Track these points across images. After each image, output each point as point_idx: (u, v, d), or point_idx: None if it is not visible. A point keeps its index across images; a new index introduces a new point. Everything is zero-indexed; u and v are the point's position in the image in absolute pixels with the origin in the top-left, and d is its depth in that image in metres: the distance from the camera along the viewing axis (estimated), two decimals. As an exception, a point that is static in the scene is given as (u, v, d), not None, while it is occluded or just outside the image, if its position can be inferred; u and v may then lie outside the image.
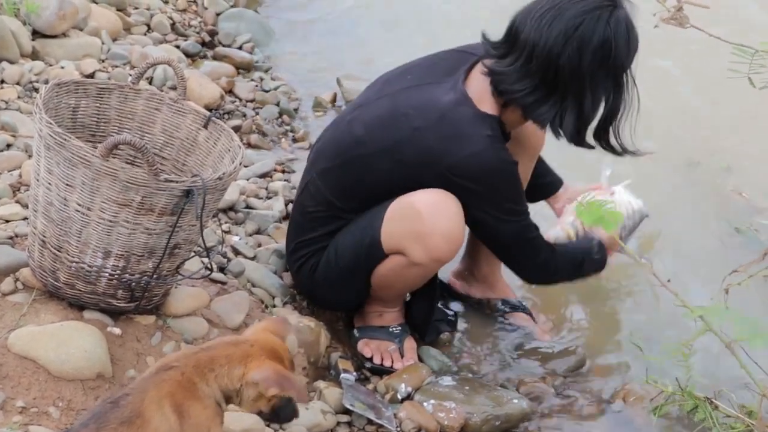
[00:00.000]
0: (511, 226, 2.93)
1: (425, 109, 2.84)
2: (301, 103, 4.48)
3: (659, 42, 4.41)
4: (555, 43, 2.72)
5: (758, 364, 2.58)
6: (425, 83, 2.91)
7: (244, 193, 3.59)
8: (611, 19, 2.73)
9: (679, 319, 3.25)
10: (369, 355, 3.13)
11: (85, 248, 2.55)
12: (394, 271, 2.93)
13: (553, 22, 2.72)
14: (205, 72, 4.30)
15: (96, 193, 2.46)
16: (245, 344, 2.21)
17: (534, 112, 2.82)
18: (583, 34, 2.71)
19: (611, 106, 2.85)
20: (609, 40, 2.73)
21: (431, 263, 2.88)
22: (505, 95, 2.83)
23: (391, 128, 2.87)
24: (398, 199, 2.87)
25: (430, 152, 2.82)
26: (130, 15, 4.49)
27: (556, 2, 2.75)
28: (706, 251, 3.77)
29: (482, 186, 2.83)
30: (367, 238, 2.91)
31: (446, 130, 2.80)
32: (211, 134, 2.83)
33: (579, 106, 2.80)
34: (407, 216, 2.84)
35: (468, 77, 2.88)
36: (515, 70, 2.78)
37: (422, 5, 5.30)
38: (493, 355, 3.30)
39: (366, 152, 2.91)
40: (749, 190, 4.03)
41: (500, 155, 2.83)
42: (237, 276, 3.11)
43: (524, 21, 2.77)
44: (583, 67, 2.74)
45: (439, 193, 2.82)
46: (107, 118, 2.82)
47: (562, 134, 2.85)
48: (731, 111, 4.51)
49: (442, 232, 2.81)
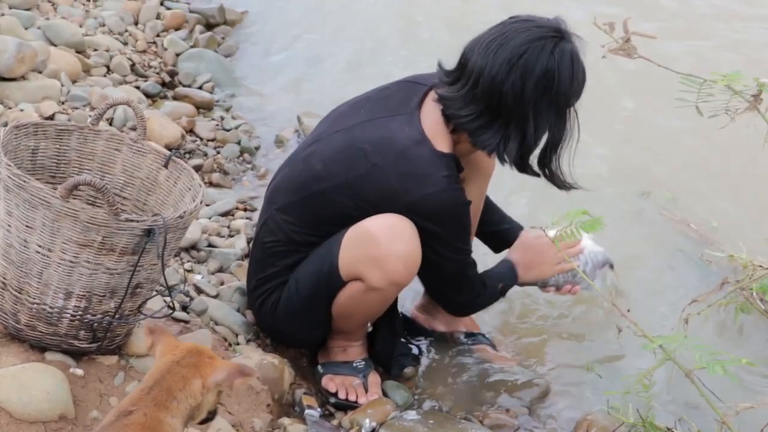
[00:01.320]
0: (454, 263, 2.99)
1: (382, 145, 2.88)
2: (262, 141, 4.50)
3: (608, 71, 4.50)
4: (499, 70, 2.77)
5: (714, 393, 2.61)
6: (380, 117, 2.94)
7: (206, 232, 3.59)
8: (555, 49, 2.79)
9: (639, 348, 3.32)
10: (333, 390, 3.13)
11: (46, 289, 2.54)
12: (353, 298, 2.94)
13: (498, 49, 2.78)
14: (166, 112, 4.31)
15: (56, 234, 2.46)
16: (185, 358, 2.22)
17: (479, 138, 2.87)
18: (526, 63, 2.77)
19: (554, 136, 2.90)
20: (552, 70, 2.78)
21: (389, 287, 2.90)
22: (452, 120, 2.88)
23: (349, 163, 2.90)
24: (355, 225, 2.89)
25: (389, 189, 2.86)
26: (90, 57, 4.50)
27: (504, 31, 2.81)
28: (663, 281, 3.81)
29: (436, 224, 2.87)
30: (326, 265, 2.93)
31: (404, 168, 2.84)
32: (171, 173, 2.84)
33: (522, 133, 2.84)
34: (363, 241, 2.86)
35: (421, 108, 2.92)
36: (462, 96, 2.83)
37: (381, 46, 5.35)
38: (457, 388, 3.31)
39: (325, 187, 2.93)
40: (695, 220, 4.09)
41: (456, 196, 2.88)
42: (200, 314, 3.11)
43: (473, 48, 2.83)
44: (526, 95, 2.79)
45: (394, 218, 2.85)
46: (67, 159, 2.82)
47: (506, 160, 2.89)
48: (678, 141, 4.58)
49: (399, 254, 2.84)
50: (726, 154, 4.45)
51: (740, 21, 5.65)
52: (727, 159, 4.47)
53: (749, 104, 2.51)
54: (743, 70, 2.54)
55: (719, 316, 3.38)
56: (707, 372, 2.41)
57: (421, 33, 5.41)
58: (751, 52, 5.17)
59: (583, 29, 2.80)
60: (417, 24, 5.55)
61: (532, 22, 2.83)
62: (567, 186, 3.01)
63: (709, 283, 3.11)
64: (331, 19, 5.65)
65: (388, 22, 5.60)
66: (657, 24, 5.19)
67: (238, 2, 5.72)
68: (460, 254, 2.99)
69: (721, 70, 2.52)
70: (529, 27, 2.81)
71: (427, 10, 5.65)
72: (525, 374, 3.38)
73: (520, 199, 4.07)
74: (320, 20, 5.64)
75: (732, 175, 4.42)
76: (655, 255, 3.95)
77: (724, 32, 5.51)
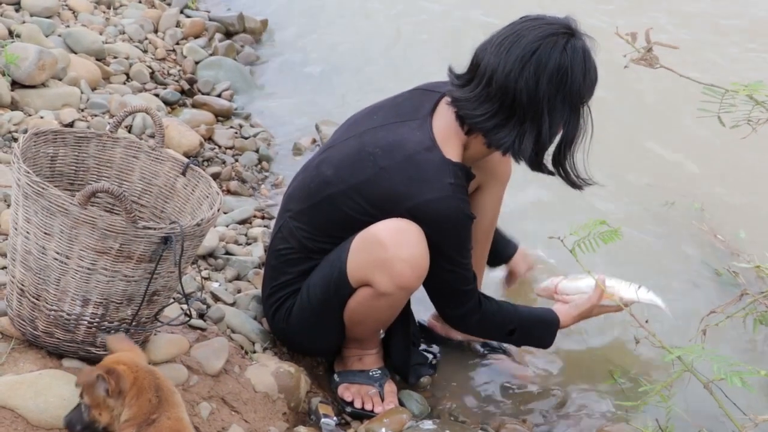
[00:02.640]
0: (449, 275, 2.97)
1: (392, 148, 2.88)
2: (280, 149, 4.52)
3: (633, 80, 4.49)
4: (513, 67, 2.77)
5: (735, 403, 2.59)
6: (392, 122, 2.95)
7: (224, 240, 3.60)
8: (568, 45, 2.79)
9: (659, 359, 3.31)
10: (349, 399, 3.13)
11: (63, 296, 2.55)
12: (363, 304, 2.94)
13: (511, 47, 2.79)
14: (185, 120, 4.33)
15: (74, 242, 2.46)
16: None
17: (494, 137, 2.86)
18: (539, 59, 2.77)
19: (568, 133, 2.89)
20: (565, 65, 2.78)
21: (398, 291, 2.89)
22: (467, 121, 2.87)
23: (358, 167, 2.91)
24: (363, 231, 2.89)
25: (394, 192, 2.86)
26: (110, 64, 4.52)
27: (515, 29, 2.82)
28: (684, 292, 3.79)
29: (435, 231, 2.86)
30: (335, 272, 2.93)
31: (411, 172, 2.84)
32: (189, 181, 2.85)
33: (537, 130, 2.84)
34: (371, 246, 2.86)
35: (434, 113, 2.93)
36: (476, 96, 2.83)
37: (402, 56, 5.36)
38: (473, 398, 3.30)
39: (334, 192, 2.94)
40: (722, 232, 4.07)
41: (459, 205, 2.87)
42: (216, 322, 3.11)
43: (485, 49, 2.84)
44: (540, 91, 2.79)
45: (401, 222, 2.85)
46: (86, 166, 2.83)
47: (521, 158, 2.89)
48: (704, 152, 4.57)
49: (406, 258, 2.83)
50: (754, 164, 4.42)
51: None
52: (755, 168, 4.44)
53: (771, 114, 2.50)
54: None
55: (740, 327, 3.36)
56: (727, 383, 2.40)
57: (443, 44, 5.41)
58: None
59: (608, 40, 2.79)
60: (439, 34, 5.55)
61: (543, 20, 2.85)
62: (581, 184, 3.00)
63: (732, 295, 3.08)
64: (351, 27, 5.67)
65: (410, 32, 5.61)
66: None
67: (258, 11, 5.74)
68: (457, 267, 2.96)
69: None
70: (540, 24, 2.82)
71: (451, 22, 5.65)
72: (542, 384, 3.37)
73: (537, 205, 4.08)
74: (340, 29, 5.66)
75: (760, 184, 4.40)
76: (679, 266, 3.93)
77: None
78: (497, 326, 3.14)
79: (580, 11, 3.07)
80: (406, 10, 5.88)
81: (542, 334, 3.21)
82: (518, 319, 3.16)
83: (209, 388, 2.81)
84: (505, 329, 3.15)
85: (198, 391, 2.78)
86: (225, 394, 2.83)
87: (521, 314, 3.18)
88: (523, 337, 3.19)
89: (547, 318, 3.21)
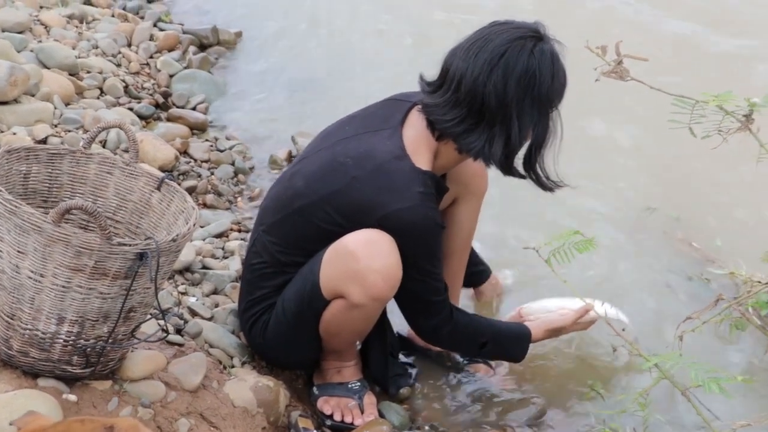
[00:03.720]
0: (420, 285, 2.96)
1: (363, 158, 2.88)
2: (256, 162, 4.51)
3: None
4: (481, 71, 2.78)
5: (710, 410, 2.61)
6: (363, 132, 2.96)
7: (201, 254, 3.58)
8: (536, 49, 2.80)
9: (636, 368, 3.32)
10: (329, 412, 3.12)
11: (38, 315, 2.53)
12: (337, 316, 2.93)
13: (479, 52, 2.79)
14: (160, 134, 4.31)
15: (48, 260, 2.45)
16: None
17: (464, 141, 2.87)
18: (507, 62, 2.78)
19: (538, 136, 2.90)
20: (533, 68, 2.79)
21: (371, 303, 2.88)
22: (437, 126, 2.88)
23: (329, 178, 2.91)
24: (334, 243, 2.89)
25: (364, 202, 2.86)
26: (83, 79, 4.50)
27: (483, 34, 2.83)
28: (659, 299, 3.81)
29: (405, 241, 2.85)
30: (308, 285, 2.93)
31: (381, 182, 2.84)
32: (164, 196, 2.83)
33: (506, 134, 2.84)
34: (342, 258, 2.85)
35: (405, 123, 2.93)
36: (445, 101, 2.84)
37: (378, 67, 5.37)
38: (453, 408, 3.29)
39: (306, 203, 2.93)
40: (698, 240, 4.09)
41: (429, 214, 2.87)
42: (194, 337, 3.09)
43: (454, 54, 2.85)
44: (508, 94, 2.79)
45: (372, 232, 2.84)
46: (59, 183, 2.82)
47: (492, 162, 2.89)
48: (685, 162, 4.59)
49: (377, 268, 2.82)
50: (729, 172, 4.45)
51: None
52: (731, 176, 4.46)
53: (741, 124, 2.51)
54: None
55: (717, 332, 3.38)
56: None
57: (419, 54, 5.41)
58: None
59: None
60: (415, 45, 5.56)
61: (512, 24, 2.86)
62: (552, 186, 3.00)
63: (707, 301, 3.10)
64: (326, 40, 5.67)
65: (385, 44, 5.61)
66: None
67: (231, 23, 5.73)
68: (427, 276, 2.95)
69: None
70: (508, 29, 2.83)
71: (427, 32, 5.66)
72: (521, 393, 3.37)
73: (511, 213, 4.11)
74: (315, 41, 5.66)
75: (736, 192, 4.42)
76: (655, 274, 3.95)
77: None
78: (469, 338, 3.13)
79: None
80: (382, 21, 5.88)
81: (514, 347, 3.20)
82: (490, 331, 3.15)
83: (187, 404, 2.79)
84: (477, 342, 3.13)
85: (176, 408, 2.76)
86: (203, 410, 2.81)
87: (493, 327, 3.18)
88: (495, 349, 3.18)
89: (519, 332, 3.21)
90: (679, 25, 5.85)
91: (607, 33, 3.01)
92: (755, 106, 2.48)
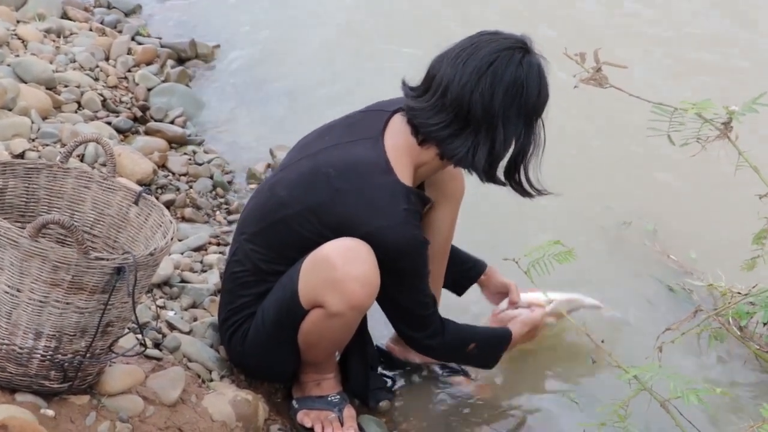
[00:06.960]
0: (408, 300, 2.98)
1: (346, 169, 2.89)
2: (235, 176, 4.50)
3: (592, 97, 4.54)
4: (469, 79, 2.80)
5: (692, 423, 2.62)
6: (345, 141, 2.97)
7: (179, 268, 3.57)
8: (524, 60, 2.83)
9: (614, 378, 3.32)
10: (309, 425, 3.11)
11: (15, 330, 2.51)
12: (316, 325, 2.92)
13: (468, 59, 2.82)
14: (138, 147, 4.29)
15: (25, 274, 2.43)
16: None
17: (447, 146, 2.88)
18: (495, 71, 2.80)
19: (522, 146, 2.92)
20: (521, 79, 2.82)
21: (350, 311, 2.88)
22: (421, 130, 2.89)
23: (312, 188, 2.91)
24: (313, 252, 2.89)
25: (349, 216, 2.86)
26: (60, 93, 4.47)
27: (472, 42, 2.86)
28: (639, 311, 3.82)
29: (390, 258, 2.86)
30: (288, 294, 2.93)
31: (365, 197, 2.85)
32: (142, 210, 2.82)
33: (491, 141, 2.86)
34: (320, 266, 2.85)
35: (386, 130, 2.94)
36: (431, 106, 2.86)
37: (356, 80, 5.37)
38: (433, 420, 3.30)
39: (289, 213, 2.93)
40: (675, 253, 4.10)
41: (413, 232, 2.88)
42: (173, 351, 3.08)
43: (441, 60, 2.87)
44: (495, 104, 2.81)
45: (349, 240, 2.84)
46: (36, 198, 2.80)
47: (474, 169, 2.91)
48: (661, 173, 4.61)
49: (356, 276, 2.82)
50: (706, 184, 4.47)
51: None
52: (708, 188, 4.49)
53: (720, 132, 2.53)
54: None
55: (696, 344, 3.39)
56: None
57: (398, 65, 5.42)
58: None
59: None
60: (393, 56, 5.56)
61: (500, 34, 2.89)
62: (533, 193, 3.02)
63: (687, 312, 3.12)
64: (304, 53, 5.67)
65: (365, 56, 5.62)
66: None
67: (209, 36, 5.73)
68: (414, 292, 2.97)
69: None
70: (497, 39, 2.86)
71: (405, 42, 5.66)
72: (501, 404, 3.37)
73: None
74: (293, 54, 5.66)
75: (711, 205, 4.44)
76: (635, 286, 3.96)
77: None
78: (459, 346, 3.15)
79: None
80: (363, 34, 5.88)
81: (498, 350, 3.24)
82: (478, 338, 3.19)
83: (166, 418, 2.78)
84: (466, 348, 3.16)
85: (154, 422, 2.75)
86: (182, 424, 2.80)
87: (479, 333, 3.22)
88: (481, 354, 3.21)
89: (501, 335, 3.26)
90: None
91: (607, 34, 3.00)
92: (734, 114, 2.50)
